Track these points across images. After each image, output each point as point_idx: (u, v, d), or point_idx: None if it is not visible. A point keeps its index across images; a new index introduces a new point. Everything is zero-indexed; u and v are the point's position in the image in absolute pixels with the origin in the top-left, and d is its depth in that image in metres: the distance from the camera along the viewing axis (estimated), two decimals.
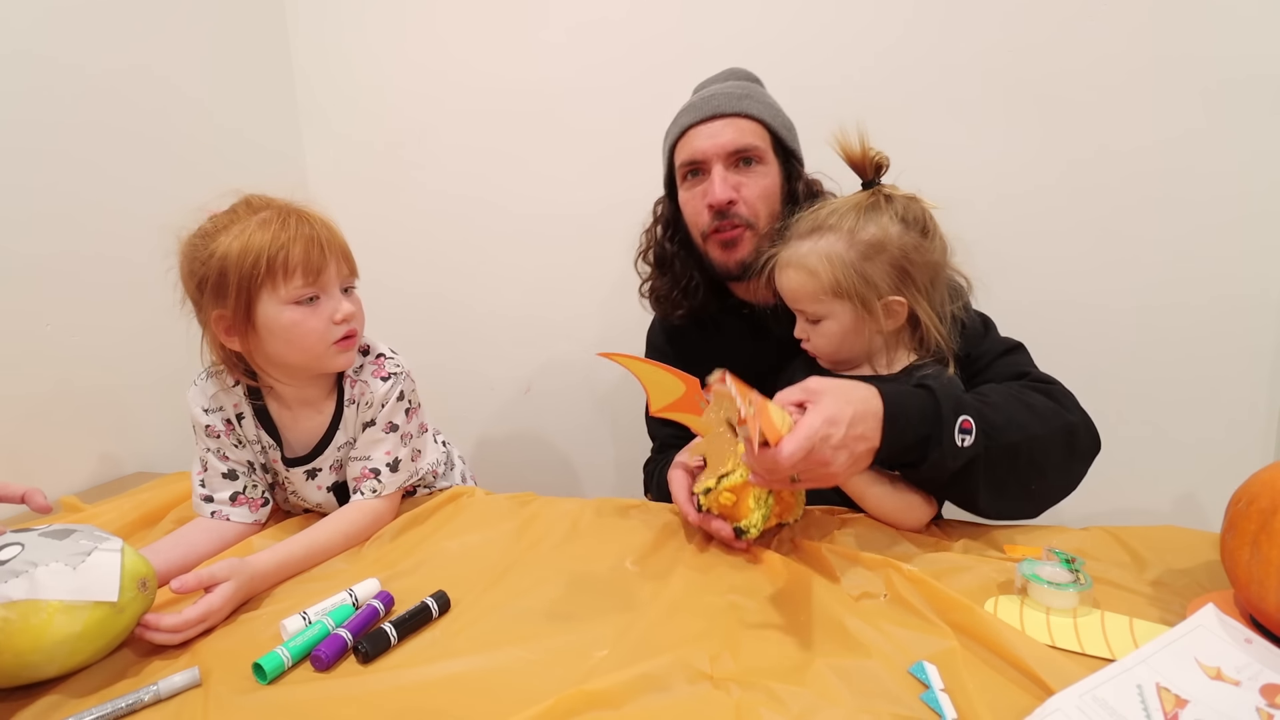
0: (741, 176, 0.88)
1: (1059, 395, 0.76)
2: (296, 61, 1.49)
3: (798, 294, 0.79)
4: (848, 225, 0.76)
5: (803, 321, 0.81)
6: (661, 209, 1.00)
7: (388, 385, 0.84)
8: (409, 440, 0.86)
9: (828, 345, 0.80)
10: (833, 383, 0.66)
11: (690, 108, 0.91)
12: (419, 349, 1.30)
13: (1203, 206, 1.12)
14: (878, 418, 0.65)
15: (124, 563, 0.57)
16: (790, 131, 0.93)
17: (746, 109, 0.88)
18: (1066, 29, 1.12)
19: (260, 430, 0.83)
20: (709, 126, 0.88)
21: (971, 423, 0.67)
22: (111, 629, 0.56)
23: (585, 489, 1.54)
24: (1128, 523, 0.76)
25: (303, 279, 0.74)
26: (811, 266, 0.76)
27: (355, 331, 0.80)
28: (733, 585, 0.66)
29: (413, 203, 1.50)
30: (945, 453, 0.66)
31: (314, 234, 0.75)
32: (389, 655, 0.58)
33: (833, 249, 0.76)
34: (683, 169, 0.92)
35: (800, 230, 0.79)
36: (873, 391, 0.66)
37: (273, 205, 0.77)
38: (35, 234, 1.00)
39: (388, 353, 0.87)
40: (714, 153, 0.87)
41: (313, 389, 0.83)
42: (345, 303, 0.78)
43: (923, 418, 0.67)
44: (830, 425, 0.61)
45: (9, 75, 0.97)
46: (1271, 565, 0.49)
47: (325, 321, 0.77)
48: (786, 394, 0.65)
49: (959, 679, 0.50)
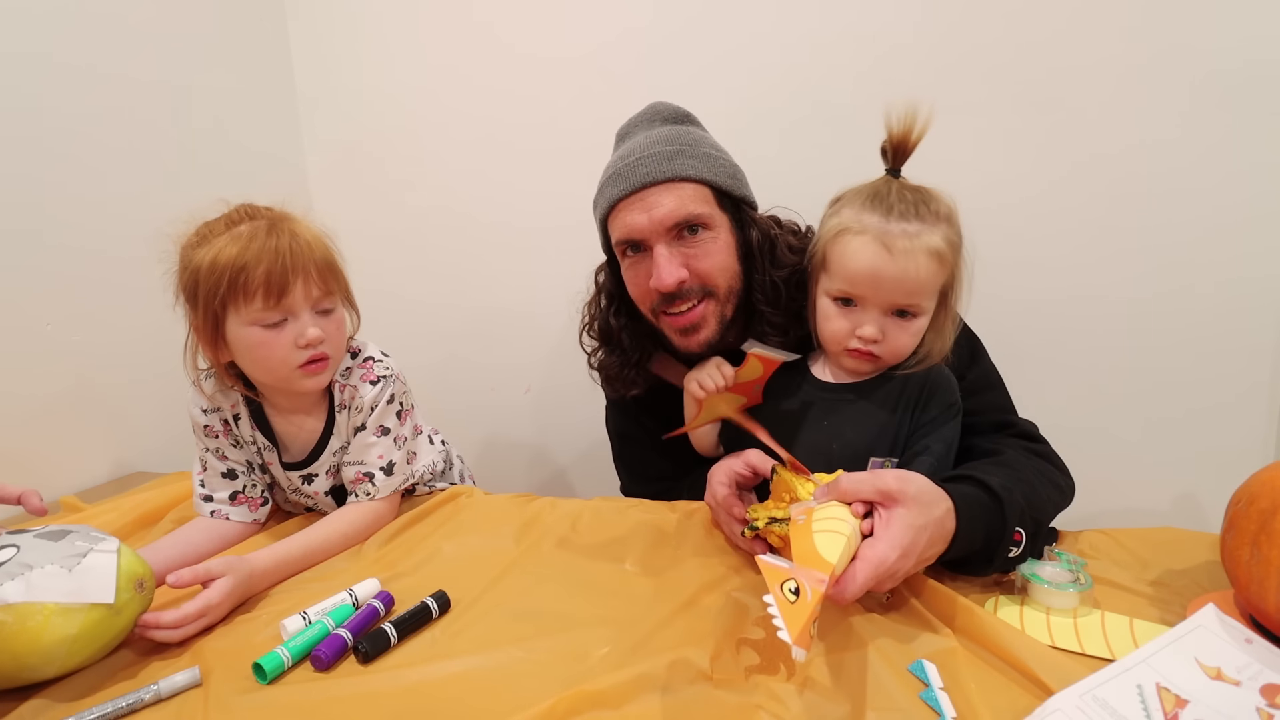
0: (689, 249, 0.78)
1: (1056, 459, 0.77)
2: (297, 63, 1.49)
3: (925, 286, 0.70)
4: (955, 217, 0.70)
5: (885, 318, 0.72)
6: (603, 278, 0.90)
7: (377, 389, 0.83)
8: (403, 443, 0.85)
9: (908, 346, 0.73)
10: (913, 488, 0.56)
11: (616, 176, 0.79)
12: (419, 350, 1.30)
13: (1203, 207, 1.12)
14: (947, 539, 0.58)
15: (120, 564, 0.57)
16: (734, 178, 0.82)
17: (680, 171, 0.77)
18: (1065, 29, 1.12)
19: (256, 432, 0.83)
20: (640, 200, 0.77)
21: (1023, 535, 0.62)
22: (109, 630, 0.56)
23: (585, 489, 1.54)
24: (1128, 523, 0.77)
25: (263, 302, 0.72)
26: (943, 254, 0.69)
27: (324, 356, 0.76)
28: (733, 585, 0.66)
29: (413, 204, 1.50)
30: (993, 567, 0.62)
31: (281, 253, 0.71)
32: (389, 655, 0.58)
33: (952, 237, 0.70)
34: (619, 246, 0.82)
35: (907, 211, 0.69)
36: (949, 506, 0.58)
37: (257, 217, 0.74)
38: (35, 234, 1.00)
39: (377, 355, 0.85)
40: (652, 230, 0.77)
41: (301, 397, 0.81)
42: (312, 327, 0.74)
43: (987, 535, 0.61)
44: (904, 559, 0.53)
45: (9, 77, 0.97)
46: (1271, 565, 0.49)
47: (289, 345, 0.74)
48: (858, 486, 0.57)
49: (959, 679, 0.50)
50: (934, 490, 0.58)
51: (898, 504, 0.56)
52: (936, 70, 1.17)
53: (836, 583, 0.49)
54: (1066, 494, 0.74)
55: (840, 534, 0.52)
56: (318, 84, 1.49)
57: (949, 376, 0.77)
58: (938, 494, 0.58)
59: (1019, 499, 0.62)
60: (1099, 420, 1.21)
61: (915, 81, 1.18)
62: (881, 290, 0.70)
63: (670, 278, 0.76)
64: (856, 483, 0.57)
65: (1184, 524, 0.76)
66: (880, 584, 0.54)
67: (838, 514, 0.55)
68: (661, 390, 0.90)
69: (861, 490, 0.57)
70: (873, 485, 0.57)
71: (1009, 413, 0.82)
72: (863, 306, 0.72)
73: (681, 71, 1.27)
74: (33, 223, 1.00)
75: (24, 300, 0.99)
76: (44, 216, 1.01)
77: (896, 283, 0.69)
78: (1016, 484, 0.64)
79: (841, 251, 0.72)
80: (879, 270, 0.69)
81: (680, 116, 0.86)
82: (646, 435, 0.94)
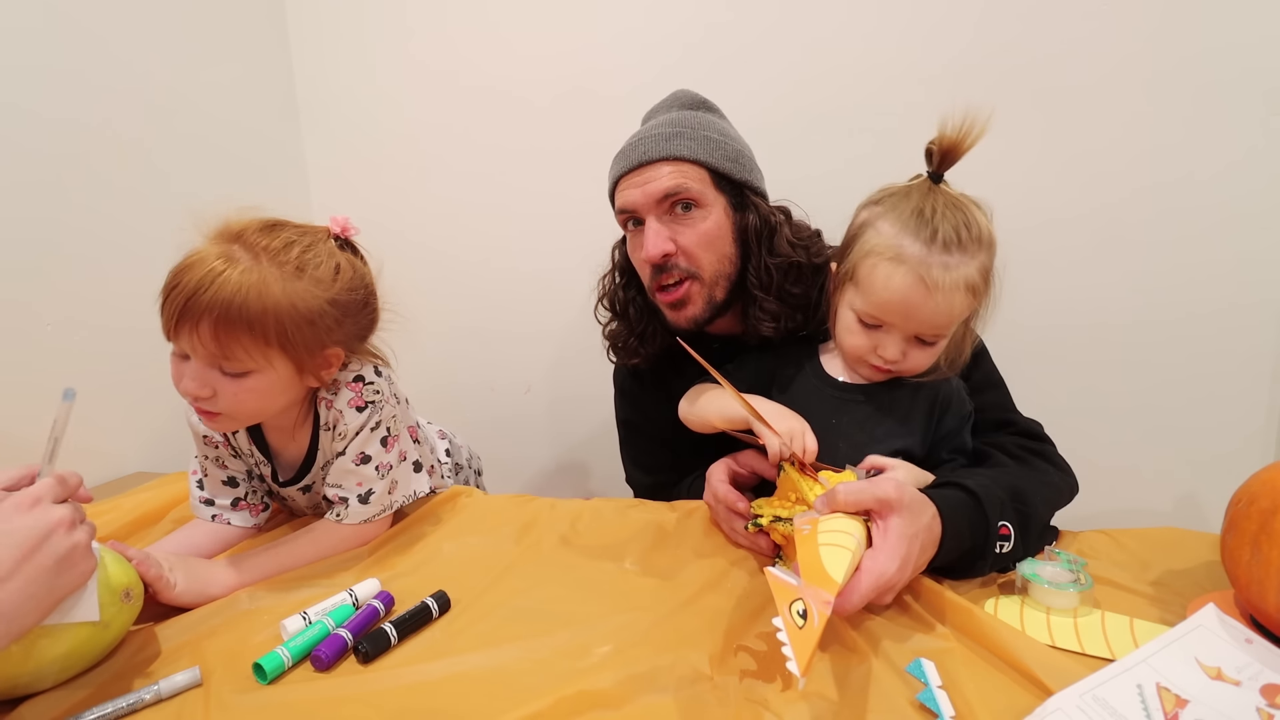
0: (678, 224, 0.82)
1: (1055, 458, 0.77)
2: (296, 63, 1.49)
3: (955, 319, 0.69)
4: (993, 239, 0.69)
5: (908, 342, 0.71)
6: (618, 254, 0.96)
7: (363, 416, 0.76)
8: (386, 471, 0.78)
9: (926, 365, 0.73)
10: (908, 496, 0.58)
11: (622, 154, 0.86)
12: (419, 349, 1.29)
13: (1203, 208, 1.12)
14: (936, 544, 0.60)
15: (104, 578, 0.56)
16: (736, 162, 0.84)
17: (675, 151, 0.81)
18: (1067, 33, 1.12)
19: (252, 445, 0.81)
20: (638, 175, 0.82)
21: (1010, 529, 0.64)
22: (99, 644, 0.55)
23: (585, 489, 1.54)
24: (1128, 523, 0.77)
25: (164, 329, 0.66)
26: (978, 287, 0.68)
27: (213, 411, 0.68)
28: (733, 585, 0.66)
29: (413, 203, 1.50)
30: (987, 564, 0.64)
31: (181, 290, 0.63)
32: (389, 655, 0.58)
33: (989, 265, 0.69)
34: (621, 219, 0.87)
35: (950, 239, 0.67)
36: (934, 512, 0.60)
37: (221, 238, 0.68)
38: (35, 234, 1.00)
39: (369, 375, 0.77)
40: (643, 204, 0.82)
41: (281, 417, 0.77)
42: (190, 379, 0.66)
43: (972, 532, 0.62)
44: (902, 570, 0.56)
45: (9, 79, 0.97)
46: (1271, 565, 0.49)
47: (179, 382, 0.68)
48: (858, 497, 0.58)
49: (958, 679, 0.50)
50: (921, 497, 0.60)
51: (894, 513, 0.57)
52: (935, 72, 1.17)
53: (839, 594, 0.50)
54: (1063, 490, 0.74)
55: (845, 548, 0.52)
56: (318, 84, 1.49)
57: (960, 386, 0.78)
58: (924, 500, 0.60)
59: (998, 493, 0.64)
60: (1099, 420, 1.21)
61: (908, 82, 1.18)
62: (911, 322, 0.69)
63: (655, 249, 0.81)
64: (856, 493, 0.58)
65: (1184, 524, 0.76)
66: (881, 596, 0.55)
67: (843, 526, 0.56)
68: (669, 366, 0.92)
69: (862, 501, 0.58)
70: (872, 495, 0.58)
71: (1010, 411, 0.83)
72: (886, 330, 0.71)
73: (689, 77, 1.27)
74: (32, 223, 1.00)
75: (24, 300, 0.99)
76: (43, 217, 1.01)
77: (929, 318, 0.68)
78: (995, 480, 0.66)
79: (876, 275, 0.69)
80: (913, 305, 0.67)
81: (697, 103, 0.91)
82: (651, 425, 0.98)
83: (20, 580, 0.46)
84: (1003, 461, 0.74)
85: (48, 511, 0.50)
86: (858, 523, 0.57)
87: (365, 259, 0.78)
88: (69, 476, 0.55)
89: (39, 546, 0.48)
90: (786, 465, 0.66)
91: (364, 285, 0.76)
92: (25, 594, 0.47)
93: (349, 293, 0.73)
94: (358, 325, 0.76)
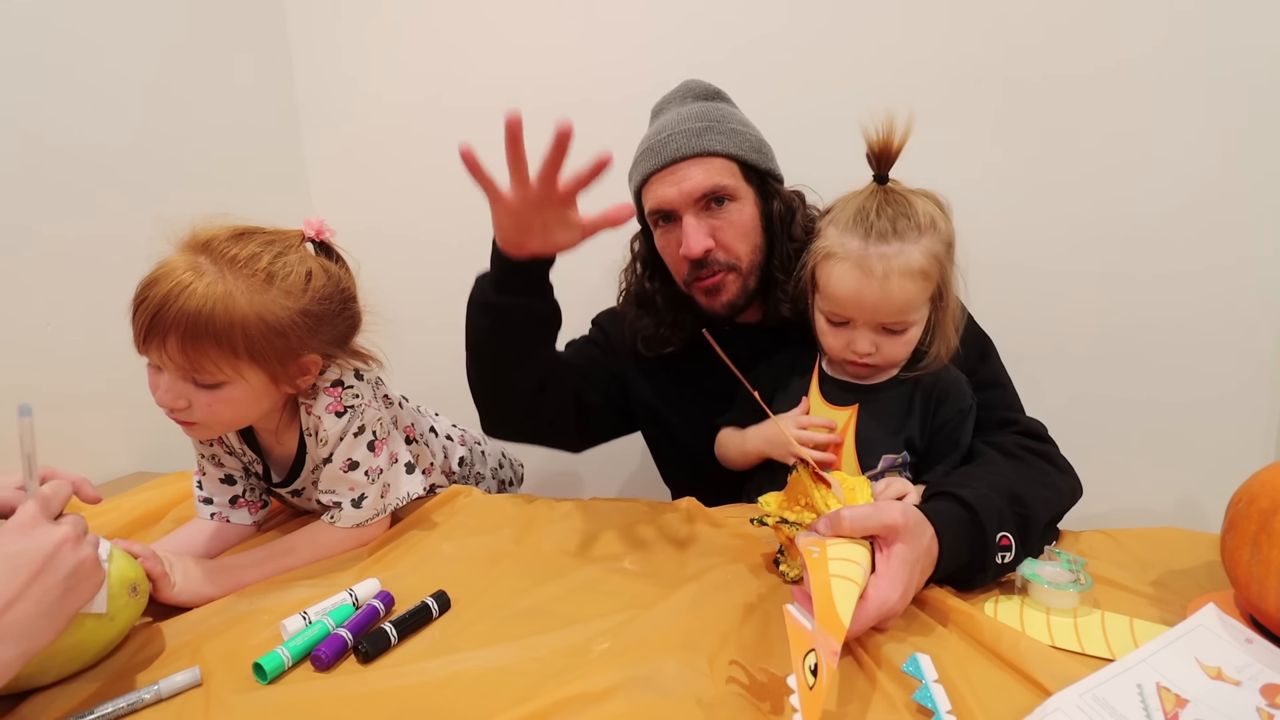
0: (715, 220, 0.83)
1: (1057, 458, 0.77)
2: (297, 63, 1.49)
3: (909, 304, 0.72)
4: (940, 223, 0.71)
5: (876, 334, 0.74)
6: (639, 247, 0.96)
7: (342, 421, 0.75)
8: (376, 475, 0.77)
9: (904, 354, 0.75)
10: (912, 519, 0.58)
11: (649, 151, 0.86)
12: (419, 349, 1.29)
13: (1204, 207, 1.12)
14: (934, 564, 0.60)
15: (112, 571, 0.56)
16: (760, 152, 0.87)
17: (708, 146, 0.82)
18: (1063, 31, 1.12)
19: (244, 445, 0.81)
20: (672, 173, 0.83)
21: (1010, 539, 0.63)
22: (103, 637, 0.56)
23: (585, 489, 1.54)
24: (1128, 523, 0.77)
25: (134, 343, 0.66)
26: (926, 270, 0.70)
27: (191, 422, 0.69)
28: (732, 585, 0.66)
29: (413, 203, 1.50)
30: (988, 576, 0.63)
31: (149, 303, 0.63)
32: (389, 655, 0.58)
33: (935, 248, 0.71)
34: (652, 216, 0.88)
35: (885, 230, 0.70)
36: (933, 533, 0.59)
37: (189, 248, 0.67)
38: (34, 234, 1.00)
39: (348, 380, 0.76)
40: (681, 201, 0.83)
41: (265, 421, 0.76)
42: (164, 390, 0.66)
43: (970, 548, 0.62)
44: (904, 599, 0.55)
45: (8, 79, 0.97)
46: (1271, 565, 0.49)
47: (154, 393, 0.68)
48: (864, 523, 0.57)
49: (956, 679, 0.50)
50: (921, 518, 0.59)
51: (899, 539, 0.57)
52: (934, 71, 1.17)
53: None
54: (1065, 492, 0.74)
55: (854, 581, 0.52)
56: (318, 84, 1.49)
57: (960, 378, 0.78)
58: (924, 522, 0.59)
59: (997, 502, 0.63)
60: (1099, 420, 1.21)
61: (908, 82, 1.18)
62: (866, 312, 0.73)
63: (698, 246, 0.82)
64: (862, 520, 0.57)
65: (1184, 524, 0.76)
66: (882, 623, 0.56)
67: (850, 554, 0.55)
68: (693, 354, 0.91)
69: (868, 526, 0.57)
70: (879, 521, 0.57)
71: (1014, 410, 0.83)
72: (853, 325, 0.75)
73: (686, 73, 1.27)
74: (32, 223, 1.00)
75: (24, 300, 0.99)
76: (43, 217, 1.01)
77: (879, 306, 0.72)
78: (993, 488, 0.65)
79: (827, 275, 0.74)
80: (860, 295, 0.72)
81: (711, 93, 0.91)
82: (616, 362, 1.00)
83: (29, 601, 0.46)
84: (997, 461, 0.73)
85: (48, 531, 0.50)
86: (863, 549, 0.57)
87: (344, 261, 0.76)
88: (60, 488, 0.54)
89: (45, 567, 0.48)
90: (800, 468, 0.66)
91: (339, 290, 0.73)
92: (35, 613, 0.46)
93: (323, 300, 0.70)
94: (335, 331, 0.74)
